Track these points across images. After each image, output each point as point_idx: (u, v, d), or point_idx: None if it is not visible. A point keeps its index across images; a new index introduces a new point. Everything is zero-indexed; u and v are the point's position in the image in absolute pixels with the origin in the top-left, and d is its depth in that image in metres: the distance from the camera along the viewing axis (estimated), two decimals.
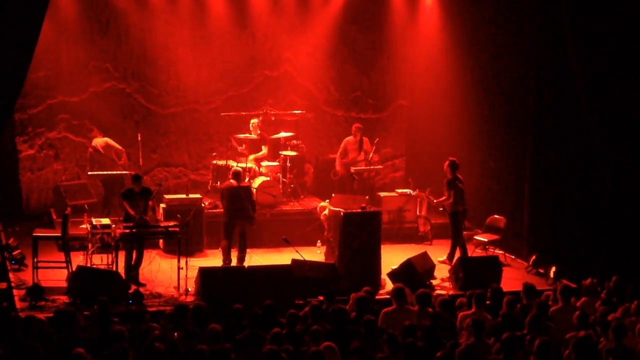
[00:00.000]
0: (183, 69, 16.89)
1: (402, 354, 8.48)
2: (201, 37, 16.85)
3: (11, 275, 12.72)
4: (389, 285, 12.30)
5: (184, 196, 14.93)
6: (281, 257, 13.47)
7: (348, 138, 16.47)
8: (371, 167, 16.20)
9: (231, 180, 13.62)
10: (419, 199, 15.80)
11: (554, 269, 13.40)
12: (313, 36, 17.44)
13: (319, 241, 14.46)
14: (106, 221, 13.14)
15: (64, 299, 11.75)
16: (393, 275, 12.61)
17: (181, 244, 12.58)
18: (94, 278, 11.83)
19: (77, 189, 15.94)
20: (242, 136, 16.02)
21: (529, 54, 14.61)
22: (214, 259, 13.83)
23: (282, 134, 16.24)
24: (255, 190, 15.22)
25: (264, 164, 15.86)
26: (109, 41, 16.49)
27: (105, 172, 15.37)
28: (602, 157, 13.36)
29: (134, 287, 12.14)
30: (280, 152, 16.10)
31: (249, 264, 13.20)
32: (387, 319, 9.99)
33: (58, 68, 16.23)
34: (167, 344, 8.55)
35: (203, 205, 14.78)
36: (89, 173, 15.66)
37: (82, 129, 16.42)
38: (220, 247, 13.65)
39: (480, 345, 8.85)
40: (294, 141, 16.35)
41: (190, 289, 12.34)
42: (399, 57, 17.82)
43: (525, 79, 14.76)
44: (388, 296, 11.37)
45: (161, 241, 14.22)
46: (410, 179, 16.47)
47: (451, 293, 12.33)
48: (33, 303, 11.53)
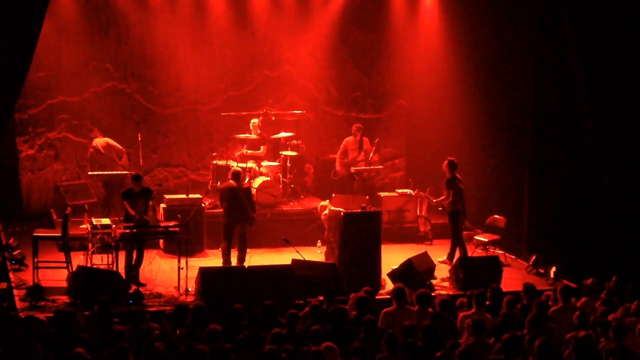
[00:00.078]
0: (183, 69, 16.88)
1: (402, 354, 8.49)
2: (201, 37, 16.85)
3: (11, 275, 12.73)
4: (389, 285, 12.30)
5: (184, 196, 14.92)
6: (281, 257, 13.47)
7: (348, 138, 16.46)
8: (371, 167, 16.19)
9: (230, 181, 13.62)
10: (419, 199, 15.80)
11: (554, 269, 13.40)
12: (313, 36, 17.43)
13: (319, 241, 14.46)
14: (106, 221, 13.14)
15: (64, 299, 11.75)
16: (393, 275, 12.61)
17: (181, 244, 12.57)
18: (94, 278, 11.82)
19: (78, 189, 15.94)
20: (242, 136, 16.02)
21: (529, 53, 14.61)
22: (214, 259, 13.82)
23: (282, 134, 16.24)
24: (255, 190, 15.23)
25: (264, 164, 15.84)
26: (109, 41, 16.49)
27: (106, 172, 15.36)
28: (602, 157, 13.36)
29: (134, 287, 12.14)
30: (281, 152, 16.10)
31: (249, 264, 13.20)
32: (387, 319, 9.99)
33: (58, 68, 16.23)
34: (167, 344, 8.56)
35: (203, 205, 14.77)
36: (89, 173, 15.65)
37: (82, 129, 16.41)
38: (220, 249, 13.64)
39: (480, 345, 8.86)
40: (294, 141, 16.33)
41: (190, 289, 12.33)
42: (399, 57, 17.80)
43: (524, 79, 14.75)
44: (388, 296, 11.37)
45: (161, 241, 14.22)
46: (410, 179, 16.46)
47: (451, 293, 12.32)
48: (33, 303, 11.52)
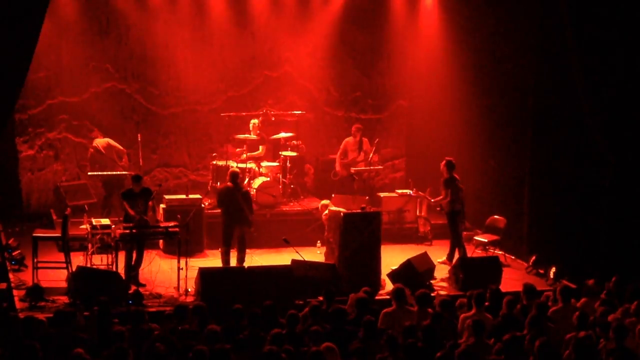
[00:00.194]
0: (183, 70, 16.88)
1: (402, 355, 8.48)
2: (201, 38, 16.84)
3: (11, 275, 12.72)
4: (389, 285, 12.29)
5: (184, 197, 14.92)
6: (281, 258, 13.46)
7: (348, 139, 16.46)
8: (371, 167, 16.19)
9: (228, 183, 13.58)
10: (418, 199, 15.79)
11: (553, 269, 13.39)
12: (313, 36, 17.42)
13: (319, 242, 14.45)
14: (106, 221, 13.13)
15: (64, 299, 11.75)
16: (393, 275, 12.60)
17: (181, 245, 12.57)
18: (93, 278, 11.81)
19: (77, 189, 15.95)
20: (242, 136, 16.01)
21: (529, 54, 14.61)
22: (214, 260, 13.81)
23: (282, 135, 16.23)
24: (255, 190, 15.23)
25: (264, 164, 15.84)
26: (109, 41, 16.48)
27: (106, 173, 15.37)
28: (602, 157, 13.35)
29: (134, 288, 12.13)
30: (281, 153, 16.09)
31: (249, 265, 13.18)
32: (387, 319, 10.00)
33: (58, 68, 16.22)
34: (167, 345, 8.55)
35: (203, 205, 14.76)
36: (89, 173, 15.65)
37: (82, 129, 16.41)
38: (220, 252, 13.57)
39: (480, 345, 8.85)
40: (294, 141, 16.32)
41: (190, 290, 12.33)
42: (399, 57, 17.80)
43: (525, 79, 14.75)
44: (388, 297, 11.37)
45: (161, 241, 14.22)
46: (410, 180, 16.45)
47: (451, 293, 12.31)
48: (33, 303, 11.52)
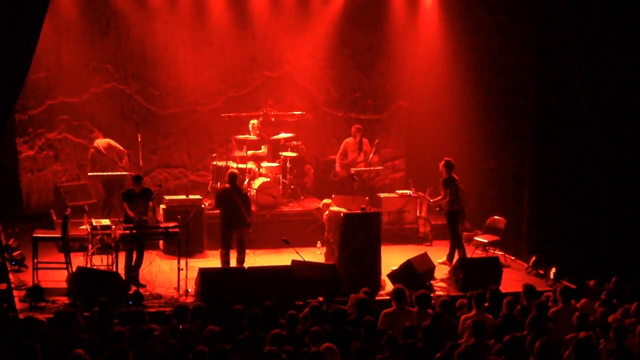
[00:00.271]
0: (183, 70, 16.88)
1: (402, 355, 8.48)
2: (201, 38, 16.84)
3: (11, 276, 12.72)
4: (389, 286, 12.29)
5: (184, 197, 14.92)
6: (281, 258, 13.46)
7: (348, 139, 16.46)
8: (371, 168, 16.19)
9: (226, 184, 13.53)
10: (418, 200, 15.79)
11: (554, 270, 13.39)
12: (313, 37, 17.42)
13: (319, 242, 14.45)
14: (106, 222, 13.13)
15: (64, 300, 11.75)
16: (393, 276, 12.60)
17: (181, 245, 12.57)
18: (94, 279, 11.81)
19: (77, 189, 15.94)
20: (242, 137, 16.00)
21: (529, 54, 14.61)
22: (214, 260, 13.80)
23: (282, 135, 16.23)
24: (255, 191, 15.22)
25: (264, 164, 15.83)
26: (109, 42, 16.48)
27: (106, 173, 15.37)
28: (602, 157, 13.35)
29: (134, 288, 12.12)
30: (280, 153, 16.08)
31: (249, 265, 13.17)
32: (387, 320, 10.00)
33: (58, 69, 16.22)
34: (167, 345, 8.56)
35: (203, 206, 14.76)
36: (89, 174, 15.65)
37: (82, 129, 16.41)
38: (219, 254, 13.51)
39: (480, 346, 8.85)
40: (294, 142, 16.32)
41: (190, 290, 12.33)
42: (399, 58, 17.81)
43: (524, 79, 14.75)
44: (388, 297, 11.37)
45: (161, 242, 14.21)
46: (410, 180, 16.45)
47: (451, 294, 12.30)
48: (33, 304, 11.52)
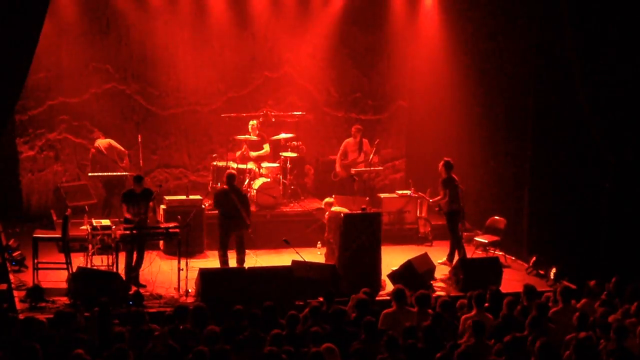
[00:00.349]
0: (183, 70, 16.88)
1: (402, 356, 8.48)
2: (201, 38, 16.83)
3: (11, 276, 12.72)
4: (389, 286, 12.30)
5: (184, 197, 14.92)
6: (281, 259, 13.46)
7: (348, 139, 16.46)
8: (371, 168, 16.19)
9: (225, 185, 13.49)
10: (419, 200, 15.79)
11: (554, 270, 13.39)
12: (313, 37, 17.42)
13: (319, 242, 14.45)
14: (106, 222, 13.12)
15: (64, 300, 11.74)
16: (393, 276, 12.60)
17: (181, 245, 12.57)
18: (94, 279, 11.81)
19: (78, 190, 15.94)
20: (242, 137, 16.00)
21: (529, 54, 14.61)
22: (214, 260, 13.77)
23: (283, 135, 16.23)
24: (255, 191, 15.22)
25: (264, 165, 15.83)
26: (109, 42, 16.48)
27: (106, 174, 15.37)
28: (602, 158, 13.35)
29: (134, 289, 12.13)
30: (281, 154, 16.08)
31: (249, 265, 13.17)
32: (387, 320, 9.99)
33: (58, 69, 16.22)
34: (167, 346, 8.56)
35: (203, 206, 14.75)
36: (90, 174, 15.66)
37: (82, 130, 16.41)
38: (218, 256, 13.47)
39: (480, 346, 8.85)
40: (294, 142, 16.31)
41: (190, 290, 12.33)
42: (399, 58, 17.81)
43: (524, 80, 14.75)
44: (388, 297, 11.36)
45: (161, 242, 14.21)
46: (410, 180, 16.45)
47: (451, 294, 12.31)
48: (33, 304, 11.52)
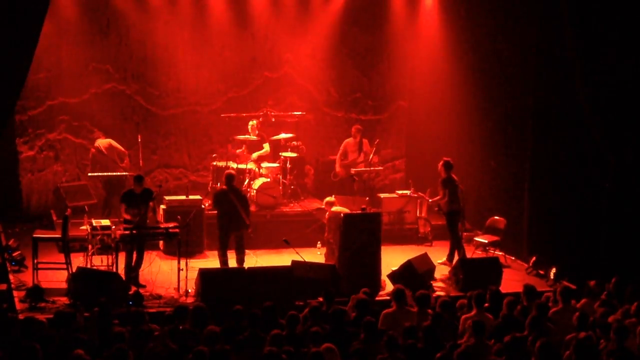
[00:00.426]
0: (183, 70, 16.88)
1: (402, 356, 8.48)
2: (201, 39, 16.84)
3: (11, 276, 12.73)
4: (389, 286, 12.29)
5: (184, 197, 14.91)
6: (281, 259, 13.45)
7: (348, 140, 16.46)
8: (371, 168, 16.19)
9: (224, 185, 13.47)
10: (419, 201, 15.78)
11: (554, 270, 13.39)
12: (313, 37, 17.42)
13: (319, 242, 14.44)
14: (106, 222, 13.12)
15: (64, 300, 11.74)
16: (393, 276, 12.59)
17: (181, 246, 12.56)
18: (94, 279, 11.81)
19: (77, 190, 15.94)
20: (242, 137, 16.00)
21: (529, 54, 14.61)
22: (214, 261, 13.76)
23: (282, 135, 16.22)
24: (255, 191, 15.21)
25: (264, 165, 15.82)
26: (109, 42, 16.48)
27: (106, 174, 15.37)
28: (602, 158, 13.35)
29: (134, 289, 12.12)
30: (281, 154, 16.08)
31: (249, 266, 13.17)
32: (387, 320, 9.99)
33: (58, 69, 16.22)
34: (167, 346, 8.56)
35: (203, 206, 14.75)
36: (89, 174, 15.66)
37: (82, 130, 16.41)
38: (217, 256, 13.45)
39: (480, 346, 8.85)
40: (294, 142, 16.31)
41: (190, 290, 12.32)
42: (399, 58, 17.81)
43: (524, 79, 14.75)
44: (388, 297, 11.37)
45: (161, 242, 14.21)
46: (410, 180, 16.45)
47: (451, 294, 12.30)
48: (33, 304, 11.51)
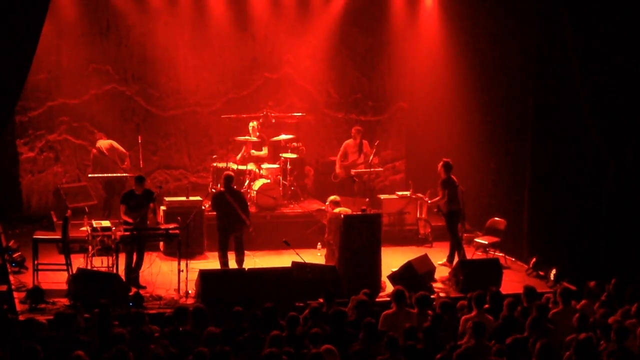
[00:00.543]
0: (183, 71, 16.88)
1: (402, 357, 8.48)
2: (201, 39, 16.83)
3: (11, 277, 12.73)
4: (389, 287, 12.29)
5: (184, 198, 14.91)
6: (281, 260, 13.44)
7: (348, 141, 16.46)
8: (371, 169, 16.18)
9: (221, 187, 13.48)
10: (419, 202, 15.78)
11: (554, 271, 13.39)
12: (313, 38, 17.42)
13: (319, 243, 14.44)
14: (106, 223, 13.10)
15: (64, 301, 11.74)
16: (393, 277, 12.59)
17: (181, 247, 12.56)
18: (94, 280, 11.81)
19: (78, 191, 15.96)
20: (242, 138, 15.99)
21: (529, 55, 14.60)
22: (214, 262, 13.76)
23: (283, 137, 16.22)
24: (255, 192, 15.21)
25: (265, 166, 15.83)
26: (110, 43, 16.48)
27: (106, 175, 15.37)
28: (602, 159, 13.35)
29: (134, 290, 12.13)
30: (281, 155, 16.07)
31: (249, 267, 13.17)
32: (387, 321, 10.00)
33: (58, 70, 16.22)
34: (167, 347, 8.56)
35: (203, 207, 14.75)
36: (89, 175, 15.66)
37: (82, 131, 16.41)
38: (218, 258, 13.46)
39: (480, 347, 8.85)
40: (294, 143, 16.30)
41: (190, 292, 12.32)
42: (399, 59, 17.81)
43: (525, 81, 14.75)
44: (388, 298, 11.37)
45: (161, 243, 14.19)
46: (410, 182, 16.45)
47: (451, 295, 12.31)
48: (33, 305, 11.51)
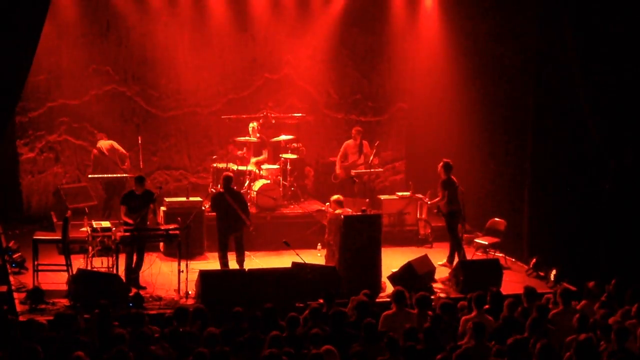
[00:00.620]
0: (183, 72, 16.87)
1: (402, 357, 8.48)
2: (201, 40, 16.83)
3: (11, 278, 12.74)
4: (389, 288, 12.29)
5: (184, 199, 14.92)
6: (281, 260, 13.45)
7: (348, 141, 16.46)
8: (371, 170, 16.18)
9: (221, 188, 13.47)
10: (419, 202, 15.78)
11: (554, 272, 13.39)
12: (313, 39, 17.42)
13: (319, 244, 14.45)
14: (106, 224, 13.10)
15: (65, 302, 11.75)
16: (393, 278, 12.60)
17: (181, 247, 12.57)
18: (94, 281, 11.82)
19: (78, 191, 15.96)
20: (242, 139, 15.99)
21: (529, 55, 14.61)
22: (214, 262, 13.77)
23: (283, 137, 16.22)
24: (255, 193, 15.22)
25: (265, 167, 15.83)
26: (110, 44, 16.48)
27: (106, 175, 15.37)
28: (602, 159, 13.36)
29: (134, 290, 12.14)
30: (281, 155, 16.08)
31: (249, 267, 13.17)
32: (387, 322, 9.99)
33: (58, 71, 16.22)
34: (167, 348, 8.56)
35: (203, 208, 14.75)
36: (90, 176, 15.66)
37: (82, 131, 16.42)
38: (218, 258, 13.48)
39: (480, 348, 8.85)
40: (295, 144, 16.30)
41: (190, 292, 12.32)
42: (399, 59, 17.81)
43: (525, 81, 14.76)
44: (388, 299, 11.37)
45: (161, 244, 14.20)
46: (410, 182, 16.45)
47: (451, 296, 12.31)
48: (33, 306, 11.52)
